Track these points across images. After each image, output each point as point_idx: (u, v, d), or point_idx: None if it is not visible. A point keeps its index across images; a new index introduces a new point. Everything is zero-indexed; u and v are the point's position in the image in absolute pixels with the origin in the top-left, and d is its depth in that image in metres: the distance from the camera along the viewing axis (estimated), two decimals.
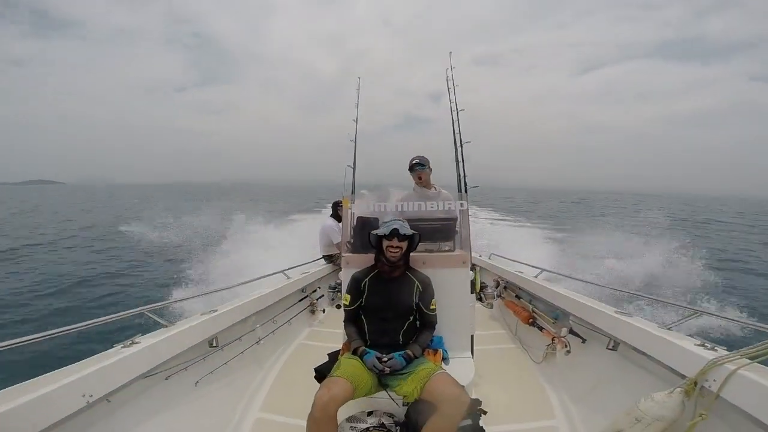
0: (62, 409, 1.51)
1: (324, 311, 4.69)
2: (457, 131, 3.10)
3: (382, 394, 1.94)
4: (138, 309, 2.23)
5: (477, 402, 1.88)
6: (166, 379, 2.16)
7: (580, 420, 2.37)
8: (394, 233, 2.09)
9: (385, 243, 2.12)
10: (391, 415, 1.95)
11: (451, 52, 3.52)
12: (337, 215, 5.17)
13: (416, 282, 2.18)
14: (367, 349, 2.02)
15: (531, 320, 3.49)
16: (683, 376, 1.73)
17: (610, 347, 2.44)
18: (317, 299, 4.59)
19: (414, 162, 3.08)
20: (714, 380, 1.58)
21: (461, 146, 3.05)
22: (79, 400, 1.58)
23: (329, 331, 4.16)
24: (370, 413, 1.95)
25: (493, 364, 3.24)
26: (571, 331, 2.91)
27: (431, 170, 3.15)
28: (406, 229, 2.12)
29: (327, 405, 1.67)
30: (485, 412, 1.91)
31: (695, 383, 1.63)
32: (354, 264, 2.40)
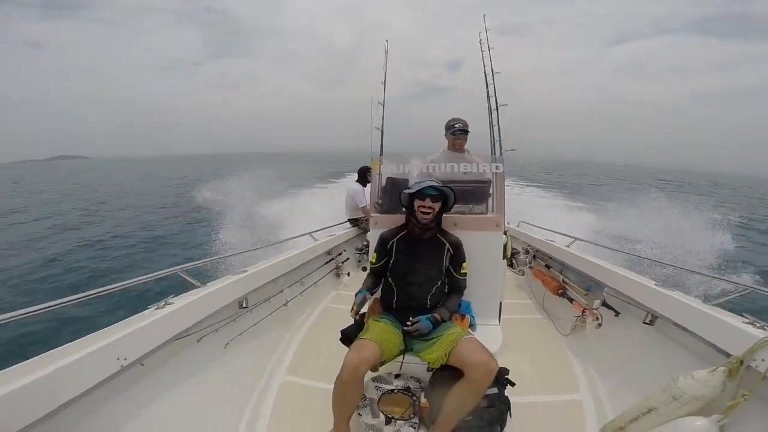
0: (97, 373, 1.50)
1: (349, 274, 4.72)
2: (491, 94, 2.97)
3: (408, 358, 1.92)
4: (171, 269, 2.23)
5: (505, 371, 1.85)
6: (198, 341, 2.17)
7: (605, 395, 2.32)
8: (428, 192, 2.00)
9: (417, 203, 2.03)
10: (418, 380, 1.95)
11: (485, 15, 3.39)
12: (363, 180, 5.13)
13: (447, 244, 2.09)
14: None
15: (561, 291, 3.40)
16: (728, 355, 1.63)
17: (647, 321, 2.33)
18: (342, 262, 4.62)
19: (457, 126, 2.94)
20: (763, 360, 1.48)
21: (497, 109, 2.92)
22: (114, 363, 1.56)
23: (353, 294, 4.19)
24: (397, 375, 1.95)
25: (519, 333, 3.20)
26: (604, 304, 2.81)
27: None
28: (440, 188, 2.02)
29: (357, 367, 1.65)
30: (513, 384, 1.88)
31: (741, 362, 1.53)
32: (383, 224, 2.35)
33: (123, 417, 1.66)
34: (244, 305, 2.62)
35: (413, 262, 2.07)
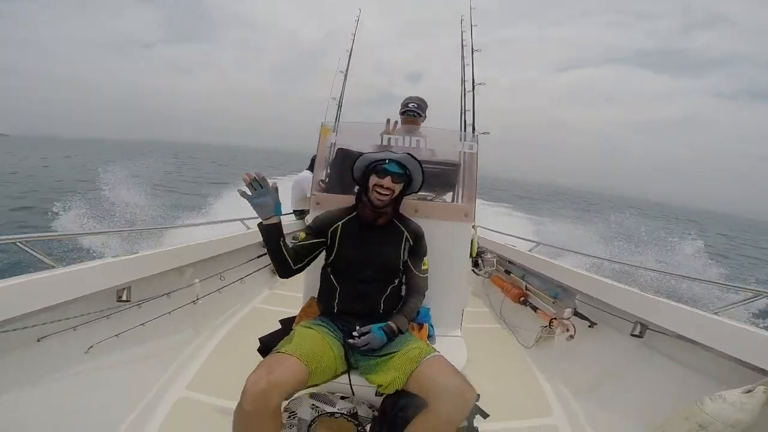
0: None
1: None
2: (467, 77, 2.75)
3: (353, 379, 1.41)
4: (7, 237, 1.58)
5: (476, 397, 1.37)
6: (38, 341, 1.54)
7: (584, 418, 1.98)
8: (391, 169, 1.52)
9: (374, 180, 1.53)
10: (371, 406, 1.45)
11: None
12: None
13: (406, 233, 1.63)
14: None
15: (522, 298, 3.10)
16: (763, 371, 1.33)
17: (636, 333, 2.03)
18: None
19: (410, 106, 2.45)
20: None
21: (473, 88, 2.65)
22: None
23: (292, 294, 3.55)
24: (344, 397, 1.44)
25: (479, 347, 2.80)
26: (576, 313, 2.50)
27: (425, 118, 2.56)
28: (406, 166, 1.57)
29: (265, 394, 1.12)
30: (486, 414, 1.42)
31: None
32: (326, 206, 1.81)
33: None
34: (125, 298, 1.95)
35: (364, 253, 1.57)
